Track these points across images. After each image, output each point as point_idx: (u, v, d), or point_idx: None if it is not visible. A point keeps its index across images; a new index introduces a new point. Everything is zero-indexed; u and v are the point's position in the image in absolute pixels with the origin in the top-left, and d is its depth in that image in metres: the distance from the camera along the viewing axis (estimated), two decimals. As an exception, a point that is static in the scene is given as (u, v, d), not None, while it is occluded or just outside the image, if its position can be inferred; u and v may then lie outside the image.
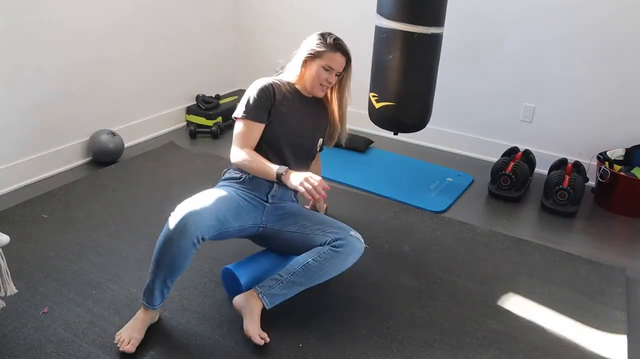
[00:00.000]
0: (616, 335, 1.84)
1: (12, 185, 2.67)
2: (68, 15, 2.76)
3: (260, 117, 1.89)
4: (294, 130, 1.95)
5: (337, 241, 1.75)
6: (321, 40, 1.91)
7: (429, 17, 2.49)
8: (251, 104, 1.88)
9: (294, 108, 1.95)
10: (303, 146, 2.00)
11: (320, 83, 1.92)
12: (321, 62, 1.89)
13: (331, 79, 1.92)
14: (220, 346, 1.70)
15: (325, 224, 1.85)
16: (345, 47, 1.93)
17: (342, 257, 1.75)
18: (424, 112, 2.74)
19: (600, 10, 2.79)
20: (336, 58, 1.90)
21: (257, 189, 1.89)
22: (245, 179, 1.89)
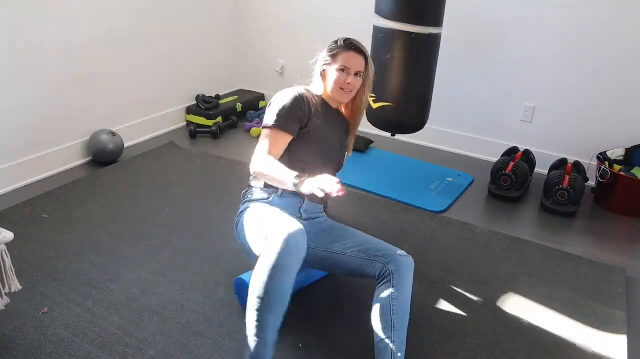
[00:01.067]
0: (616, 335, 1.84)
1: (12, 185, 2.67)
2: (68, 15, 2.76)
3: (292, 129, 1.76)
4: (327, 143, 1.87)
5: (389, 265, 1.64)
6: (333, 45, 1.85)
7: (427, 17, 2.48)
8: (283, 114, 1.75)
9: (325, 120, 1.85)
10: (334, 160, 1.92)
11: (340, 87, 1.81)
12: (336, 65, 1.80)
13: (351, 80, 1.79)
14: (220, 346, 1.70)
15: (368, 245, 1.74)
16: (359, 45, 1.84)
17: (403, 284, 1.63)
18: (422, 112, 2.73)
19: (600, 10, 2.79)
20: (350, 57, 1.80)
21: (289, 207, 1.80)
22: (273, 198, 1.79)
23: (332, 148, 1.90)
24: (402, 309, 1.62)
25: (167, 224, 2.37)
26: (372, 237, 1.81)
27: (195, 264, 2.12)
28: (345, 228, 1.87)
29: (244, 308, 1.78)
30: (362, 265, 1.70)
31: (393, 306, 1.61)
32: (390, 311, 1.60)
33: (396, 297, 1.62)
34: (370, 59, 1.86)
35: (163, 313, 1.84)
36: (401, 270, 1.65)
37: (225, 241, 2.26)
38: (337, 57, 1.81)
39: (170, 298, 1.92)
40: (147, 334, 1.74)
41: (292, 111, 1.75)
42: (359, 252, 1.72)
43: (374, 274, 1.68)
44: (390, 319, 1.60)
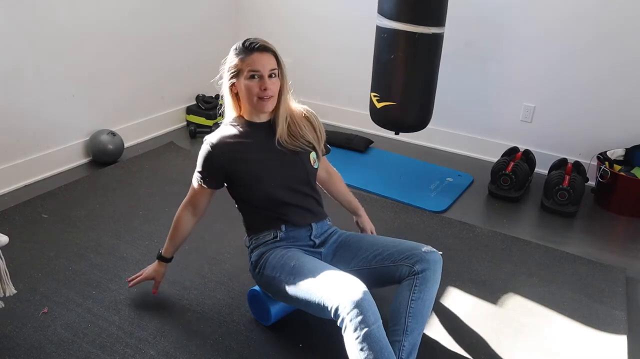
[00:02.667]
0: (616, 335, 1.84)
1: (12, 185, 2.67)
2: (68, 15, 2.76)
3: (208, 183, 1.70)
4: (274, 168, 1.67)
5: (415, 265, 1.57)
6: (233, 53, 1.64)
7: (430, 17, 2.49)
8: (200, 172, 1.69)
9: (257, 146, 1.67)
10: (295, 176, 1.70)
11: (257, 96, 1.60)
12: (244, 74, 1.59)
13: (264, 83, 1.59)
14: (220, 346, 1.70)
15: (390, 249, 1.64)
16: (262, 43, 1.61)
17: (428, 284, 1.57)
18: (425, 112, 2.74)
19: (600, 10, 2.79)
20: (256, 58, 1.58)
21: (299, 239, 1.71)
22: (280, 236, 1.68)
23: (288, 173, 1.69)
24: (420, 313, 1.54)
25: (167, 224, 2.36)
26: (390, 238, 1.70)
27: (195, 264, 2.12)
28: (360, 238, 1.75)
29: (256, 318, 1.81)
30: (389, 273, 1.61)
31: (411, 308, 1.54)
32: (407, 314, 1.53)
33: (416, 299, 1.54)
34: (279, 53, 1.65)
35: (163, 313, 1.84)
36: (428, 269, 1.56)
37: (225, 241, 2.26)
38: (242, 64, 1.59)
39: (171, 298, 1.92)
40: (147, 334, 1.74)
41: (206, 168, 1.67)
42: (383, 261, 1.62)
43: (402, 277, 1.59)
44: (404, 322, 1.53)
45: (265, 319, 1.79)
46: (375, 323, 1.38)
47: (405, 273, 1.58)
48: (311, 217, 1.72)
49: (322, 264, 1.57)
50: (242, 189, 1.69)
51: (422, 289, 1.55)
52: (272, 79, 1.62)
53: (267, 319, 1.78)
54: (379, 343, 1.38)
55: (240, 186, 1.69)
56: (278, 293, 1.62)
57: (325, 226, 1.78)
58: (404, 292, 1.56)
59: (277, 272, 1.60)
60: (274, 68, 1.62)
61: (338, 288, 1.42)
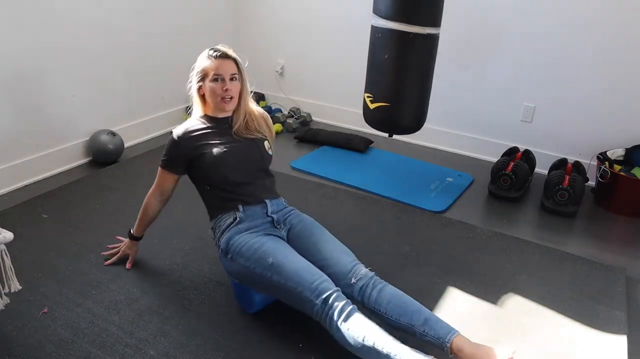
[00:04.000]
0: (616, 335, 1.84)
1: (12, 185, 2.68)
2: (68, 15, 2.76)
3: (175, 171, 1.92)
4: (232, 153, 1.87)
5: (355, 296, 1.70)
6: (199, 62, 1.89)
7: (425, 17, 2.47)
8: (167, 158, 1.92)
9: (218, 136, 1.88)
10: (253, 161, 1.92)
11: (220, 97, 1.85)
12: (209, 78, 1.84)
13: (227, 85, 1.83)
14: (220, 346, 1.70)
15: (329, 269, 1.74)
16: (225, 51, 1.87)
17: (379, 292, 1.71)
18: (419, 113, 2.71)
19: (600, 10, 2.79)
20: (218, 64, 1.84)
21: (257, 217, 1.85)
22: (239, 217, 1.83)
23: (245, 156, 1.89)
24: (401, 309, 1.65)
25: (167, 224, 2.37)
26: (331, 248, 1.81)
27: (195, 264, 2.12)
28: (309, 235, 1.86)
29: (243, 309, 1.85)
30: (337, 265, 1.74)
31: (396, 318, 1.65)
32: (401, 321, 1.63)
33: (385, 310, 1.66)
34: (239, 60, 1.90)
35: (163, 313, 1.84)
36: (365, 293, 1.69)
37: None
38: (206, 70, 1.85)
39: (170, 298, 1.92)
40: (147, 334, 1.74)
41: (172, 155, 1.90)
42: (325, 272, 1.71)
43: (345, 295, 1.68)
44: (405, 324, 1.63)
45: (248, 307, 1.85)
46: (349, 306, 1.57)
47: (348, 297, 1.65)
48: (265, 194, 1.90)
49: (294, 259, 1.69)
50: (203, 172, 1.87)
51: (379, 303, 1.67)
52: (233, 82, 1.86)
53: (251, 307, 1.84)
54: (360, 320, 1.54)
55: (202, 169, 1.87)
56: (252, 284, 1.76)
57: (280, 205, 1.94)
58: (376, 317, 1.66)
59: (252, 264, 1.71)
60: (234, 73, 1.86)
61: (312, 290, 1.59)
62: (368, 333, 1.52)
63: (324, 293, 1.58)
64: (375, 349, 1.50)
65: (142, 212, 2.03)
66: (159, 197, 1.99)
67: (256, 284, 1.74)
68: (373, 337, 1.52)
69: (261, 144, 1.94)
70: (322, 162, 3.19)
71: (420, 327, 1.60)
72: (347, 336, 1.54)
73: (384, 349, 1.49)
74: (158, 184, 1.97)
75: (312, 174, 3.03)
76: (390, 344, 1.50)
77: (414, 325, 1.61)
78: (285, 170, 3.05)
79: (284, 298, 1.70)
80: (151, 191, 2.00)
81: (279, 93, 4.02)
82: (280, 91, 4.01)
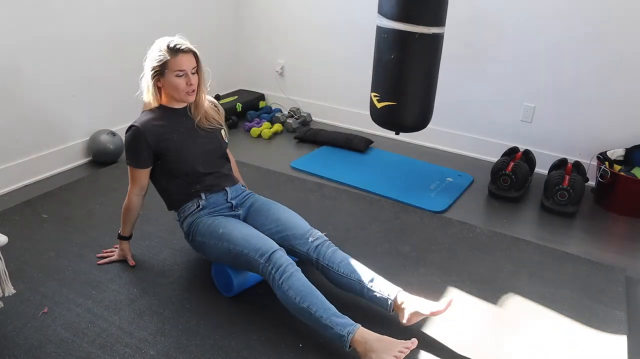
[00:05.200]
0: (616, 335, 1.84)
1: (12, 185, 2.68)
2: (68, 15, 2.76)
3: (144, 164, 1.95)
4: (194, 145, 1.96)
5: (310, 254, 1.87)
6: (157, 53, 1.86)
7: (430, 17, 2.49)
8: (133, 155, 1.94)
9: (179, 128, 1.95)
10: (211, 150, 2.01)
11: (184, 91, 1.88)
12: (171, 72, 1.85)
13: (190, 80, 1.87)
14: (220, 346, 1.71)
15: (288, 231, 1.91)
16: (185, 45, 1.86)
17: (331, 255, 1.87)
18: (426, 112, 2.74)
19: (600, 10, 2.79)
20: (181, 59, 1.84)
21: (219, 204, 1.99)
22: (202, 204, 1.96)
23: (203, 144, 1.99)
24: (352, 267, 1.80)
25: (167, 224, 2.37)
26: (289, 215, 1.97)
27: (195, 264, 2.12)
28: (268, 208, 2.00)
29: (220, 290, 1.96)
30: (286, 249, 1.85)
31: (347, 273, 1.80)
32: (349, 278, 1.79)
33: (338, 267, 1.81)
34: (198, 52, 1.90)
35: (163, 313, 1.84)
36: (320, 252, 1.85)
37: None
38: (168, 64, 1.84)
39: (170, 298, 1.92)
40: (147, 334, 1.74)
41: (138, 150, 1.92)
42: (283, 240, 1.89)
43: (300, 257, 1.89)
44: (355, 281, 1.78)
45: (227, 291, 1.94)
46: (292, 268, 1.70)
47: (303, 257, 1.87)
48: (225, 183, 2.02)
49: (244, 228, 1.85)
50: (168, 164, 1.94)
51: (333, 261, 1.82)
52: (194, 75, 1.90)
53: (230, 291, 1.92)
54: (299, 281, 1.67)
55: (167, 162, 1.94)
56: (210, 255, 1.92)
57: (239, 190, 2.07)
58: (329, 275, 1.83)
59: (207, 238, 1.88)
60: (194, 66, 1.89)
61: (256, 250, 1.74)
62: (304, 294, 1.64)
63: (268, 252, 1.72)
64: (308, 311, 1.63)
65: (125, 213, 2.04)
66: (139, 194, 2.01)
67: (213, 255, 1.90)
68: (308, 299, 1.64)
69: (219, 134, 2.05)
70: (322, 162, 3.19)
71: (369, 283, 1.76)
72: (285, 295, 1.67)
73: (316, 312, 1.62)
74: (133, 182, 1.99)
75: (312, 174, 3.03)
76: (322, 309, 1.63)
77: (362, 281, 1.77)
78: (285, 170, 3.05)
79: (234, 263, 1.83)
80: (129, 190, 2.00)
81: (279, 93, 4.02)
82: (280, 91, 4.01)
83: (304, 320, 1.67)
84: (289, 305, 1.68)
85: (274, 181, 2.88)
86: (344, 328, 1.60)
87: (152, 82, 1.90)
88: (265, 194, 2.21)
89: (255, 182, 2.75)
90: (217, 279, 1.98)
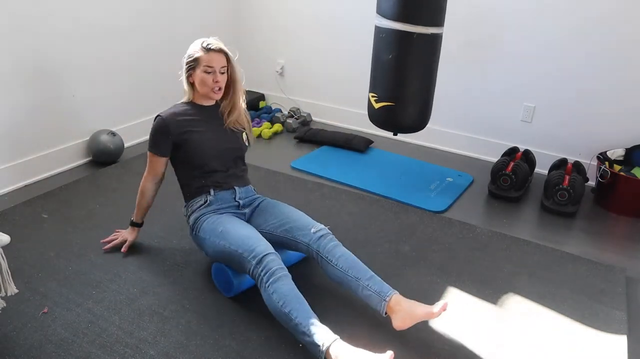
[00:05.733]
0: (616, 335, 1.84)
1: (12, 185, 2.68)
2: (68, 15, 2.76)
3: (163, 152, 2.04)
4: (214, 142, 2.03)
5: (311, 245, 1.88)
6: (192, 51, 1.98)
7: (428, 17, 2.48)
8: (155, 141, 2.04)
9: (203, 123, 2.03)
10: (230, 149, 2.07)
11: (210, 87, 1.98)
12: (200, 68, 1.96)
13: (217, 78, 1.96)
14: (220, 346, 1.71)
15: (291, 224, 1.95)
16: (216, 45, 1.97)
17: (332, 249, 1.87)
18: (424, 112, 2.73)
19: (600, 10, 2.79)
20: (210, 57, 1.95)
21: (226, 201, 2.03)
22: (210, 200, 2.00)
23: (223, 143, 2.05)
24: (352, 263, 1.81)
25: (167, 224, 2.38)
26: (294, 211, 2.01)
27: (195, 264, 2.12)
28: (273, 205, 2.06)
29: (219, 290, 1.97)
30: (290, 244, 1.93)
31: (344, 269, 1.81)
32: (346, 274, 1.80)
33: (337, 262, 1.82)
34: (230, 54, 2.00)
35: (163, 313, 1.84)
36: (321, 244, 1.86)
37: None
38: (199, 60, 1.96)
39: (170, 298, 1.92)
40: (147, 334, 1.74)
41: (159, 138, 2.02)
42: (285, 233, 1.93)
43: (301, 250, 1.92)
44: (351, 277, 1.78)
45: (227, 291, 1.94)
46: (282, 273, 1.70)
47: (304, 249, 1.90)
48: (235, 182, 2.06)
49: (243, 228, 1.87)
50: (185, 155, 2.01)
51: (333, 254, 1.83)
52: (223, 74, 1.99)
53: (229, 291, 1.93)
54: (286, 286, 1.68)
55: (185, 152, 2.01)
56: (208, 252, 1.95)
57: (250, 192, 2.11)
58: (327, 268, 1.84)
59: (207, 235, 1.91)
60: (224, 66, 1.98)
61: (250, 251, 1.75)
62: (287, 300, 1.65)
63: (260, 254, 1.73)
64: (289, 317, 1.63)
65: (139, 197, 2.14)
66: (153, 180, 2.10)
67: (210, 252, 1.93)
68: (290, 305, 1.64)
69: (240, 135, 2.11)
70: (322, 162, 3.19)
71: (366, 281, 1.77)
72: (270, 298, 1.67)
73: (297, 318, 1.62)
74: (150, 168, 2.09)
75: (312, 174, 3.03)
76: (303, 316, 1.62)
77: (359, 278, 1.77)
78: (285, 170, 3.05)
79: (228, 261, 1.85)
80: (145, 176, 2.11)
81: (279, 93, 4.02)
82: (280, 91, 4.01)
83: (285, 326, 1.67)
84: (272, 308, 1.68)
85: (274, 181, 2.88)
86: (322, 338, 1.58)
87: (185, 77, 2.03)
88: (266, 194, 2.22)
89: (256, 182, 2.74)
90: (217, 279, 1.98)
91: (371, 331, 1.80)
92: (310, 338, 1.59)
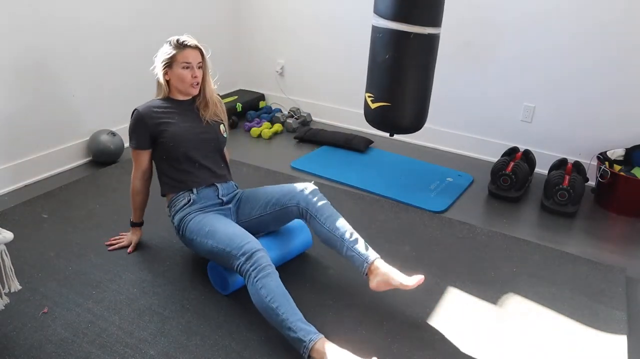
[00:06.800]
0: (616, 335, 1.84)
1: (12, 185, 2.68)
2: (68, 15, 2.76)
3: (144, 145, 2.05)
4: (191, 132, 2.05)
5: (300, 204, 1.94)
6: (167, 47, 2.01)
7: (426, 17, 2.47)
8: (134, 136, 2.04)
9: (180, 115, 2.06)
10: (208, 140, 2.09)
11: (189, 83, 2.02)
12: (178, 65, 1.99)
13: (195, 73, 2.01)
14: (220, 346, 1.71)
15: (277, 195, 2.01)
16: (191, 41, 2.01)
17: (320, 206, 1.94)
18: (420, 113, 2.71)
19: (600, 10, 2.79)
20: (187, 53, 1.98)
21: (209, 199, 2.04)
22: (193, 198, 2.01)
23: (200, 133, 2.07)
24: (337, 223, 1.88)
25: (167, 224, 2.37)
26: (276, 186, 2.06)
27: (195, 264, 2.12)
28: (255, 191, 2.10)
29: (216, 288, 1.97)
30: (283, 214, 1.99)
31: (329, 227, 1.88)
32: (332, 232, 1.86)
33: (324, 221, 1.89)
34: (203, 49, 2.05)
35: (163, 313, 1.84)
36: (311, 202, 1.93)
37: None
38: (176, 57, 1.99)
39: (170, 298, 1.92)
40: (147, 334, 1.74)
41: (137, 131, 2.03)
42: (274, 206, 1.99)
43: (295, 215, 1.97)
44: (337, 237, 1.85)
45: (223, 289, 1.95)
46: (271, 269, 1.71)
47: (295, 212, 1.96)
48: (216, 179, 2.08)
49: (229, 227, 1.87)
50: (163, 147, 2.02)
51: (322, 213, 1.90)
52: (199, 70, 2.03)
53: (225, 289, 1.94)
54: (274, 282, 1.69)
55: (163, 145, 2.02)
56: (197, 251, 1.96)
57: (231, 188, 2.13)
58: (315, 226, 1.91)
59: (194, 235, 1.92)
60: (200, 61, 2.03)
61: (239, 248, 1.75)
62: (275, 296, 1.66)
63: (250, 251, 1.73)
64: (275, 312, 1.64)
65: (132, 197, 2.15)
66: (142, 177, 2.10)
67: (200, 251, 1.94)
68: (278, 301, 1.65)
69: (217, 128, 2.12)
70: (322, 162, 3.20)
71: (350, 242, 1.83)
72: (257, 293, 1.68)
73: (284, 314, 1.63)
74: (136, 164, 2.09)
75: (312, 174, 3.03)
76: (290, 312, 1.64)
77: (344, 238, 1.84)
78: (285, 170, 3.05)
79: (217, 259, 1.86)
80: (133, 174, 2.11)
81: (279, 93, 4.02)
82: (280, 91, 4.01)
83: (270, 321, 1.67)
84: (258, 303, 1.68)
85: (274, 181, 2.88)
86: (307, 335, 1.59)
87: (161, 75, 2.04)
88: (265, 194, 2.21)
89: (255, 183, 2.75)
90: (212, 277, 1.99)
91: (369, 334, 1.80)
92: (296, 334, 1.60)
